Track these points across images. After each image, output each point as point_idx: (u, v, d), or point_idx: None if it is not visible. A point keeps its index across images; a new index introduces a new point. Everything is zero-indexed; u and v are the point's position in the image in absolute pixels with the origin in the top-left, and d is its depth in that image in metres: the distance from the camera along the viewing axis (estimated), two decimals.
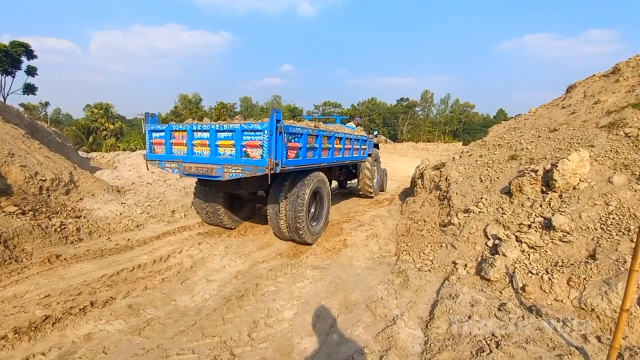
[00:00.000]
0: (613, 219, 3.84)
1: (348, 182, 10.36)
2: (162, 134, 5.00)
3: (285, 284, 4.10)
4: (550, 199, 4.50)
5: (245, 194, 5.60)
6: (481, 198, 5.32)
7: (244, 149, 4.32)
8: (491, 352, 2.73)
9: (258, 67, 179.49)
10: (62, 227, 5.19)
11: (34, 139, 8.57)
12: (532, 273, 3.71)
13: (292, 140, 4.62)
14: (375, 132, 11.31)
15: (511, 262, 3.92)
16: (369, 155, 8.80)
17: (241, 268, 4.51)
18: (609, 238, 3.66)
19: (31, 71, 31.19)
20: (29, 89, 32.28)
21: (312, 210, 5.79)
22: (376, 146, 10.35)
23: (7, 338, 2.81)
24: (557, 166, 4.50)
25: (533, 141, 6.18)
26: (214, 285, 4.01)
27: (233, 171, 4.35)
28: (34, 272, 4.04)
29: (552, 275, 3.58)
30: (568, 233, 3.91)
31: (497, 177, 5.68)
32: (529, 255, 3.93)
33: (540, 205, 4.51)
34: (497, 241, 4.31)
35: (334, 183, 9.45)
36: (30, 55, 30.76)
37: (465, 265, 4.23)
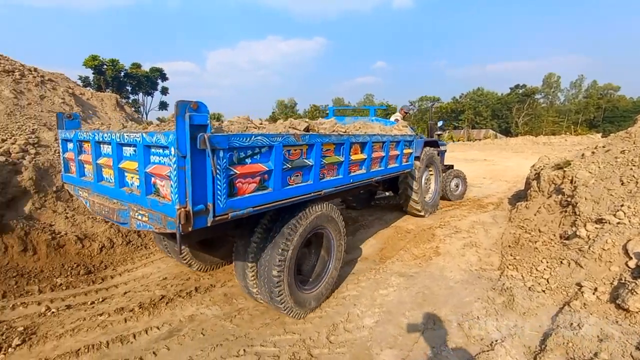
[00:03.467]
0: None
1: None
2: (72, 145, 3.44)
3: (368, 289, 3.96)
4: None
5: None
6: (622, 205, 4.18)
7: (153, 179, 2.48)
8: None
9: (350, 67, 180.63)
10: None
11: None
12: None
13: (246, 162, 2.55)
14: (441, 123, 8.68)
15: None
16: (417, 159, 6.40)
17: None
18: None
19: (164, 91, 40.47)
20: (163, 105, 41.48)
21: (310, 262, 3.84)
22: (434, 143, 7.58)
23: (134, 311, 3.44)
24: None
25: None
26: None
27: (140, 218, 2.53)
28: (157, 257, 4.84)
29: None
30: None
31: None
32: None
33: None
34: None
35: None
36: (164, 77, 39.91)
37: (595, 290, 3.37)
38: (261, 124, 3.32)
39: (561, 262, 4.05)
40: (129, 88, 36.98)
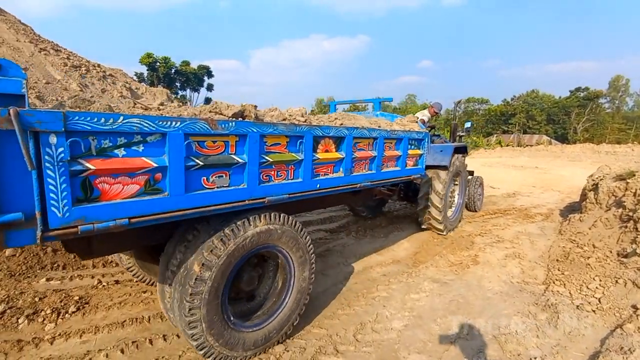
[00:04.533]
0: None
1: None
2: None
3: (398, 292, 3.88)
4: None
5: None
6: None
7: None
8: None
9: (394, 66, 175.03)
10: None
11: None
12: None
13: (114, 154, 1.79)
14: (468, 124, 7.60)
15: None
16: (445, 168, 5.48)
17: (354, 268, 4.51)
18: None
19: (210, 87, 43.25)
20: (208, 101, 44.80)
21: (262, 291, 2.99)
22: (463, 149, 6.44)
23: None
24: None
25: None
26: (328, 280, 4.16)
27: None
28: None
29: None
30: None
31: None
32: None
33: None
34: None
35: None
36: (210, 75, 42.99)
37: None
38: (161, 104, 2.55)
39: (616, 281, 3.71)
40: (178, 84, 39.94)
